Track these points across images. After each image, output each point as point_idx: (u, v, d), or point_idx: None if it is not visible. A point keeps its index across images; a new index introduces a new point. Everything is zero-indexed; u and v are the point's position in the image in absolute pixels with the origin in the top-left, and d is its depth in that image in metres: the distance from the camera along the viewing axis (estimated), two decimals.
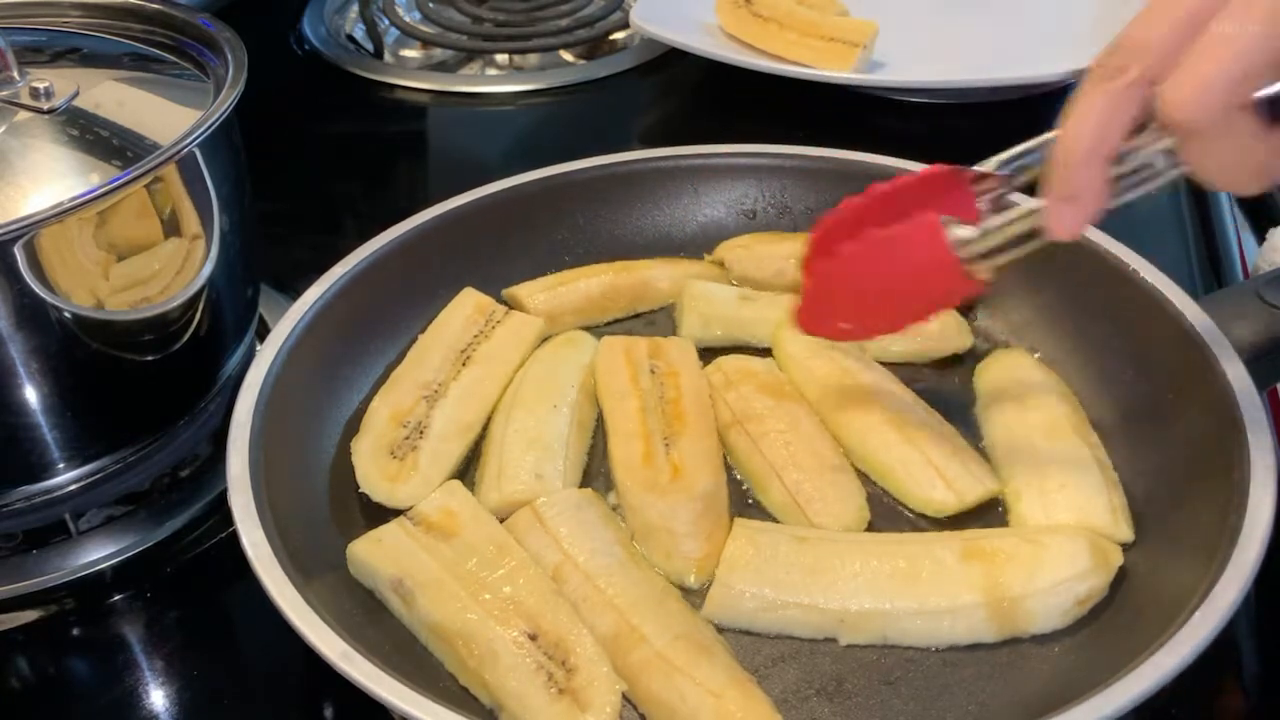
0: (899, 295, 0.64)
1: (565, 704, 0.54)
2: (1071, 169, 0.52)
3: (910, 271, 0.62)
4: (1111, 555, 0.61)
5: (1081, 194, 0.53)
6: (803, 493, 0.67)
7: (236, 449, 0.62)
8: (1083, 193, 0.52)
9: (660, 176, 0.87)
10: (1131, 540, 0.63)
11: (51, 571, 0.69)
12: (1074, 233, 0.54)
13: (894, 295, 0.64)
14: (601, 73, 1.23)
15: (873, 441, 0.69)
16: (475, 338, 0.77)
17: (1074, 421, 0.69)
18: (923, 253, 0.60)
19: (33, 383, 0.64)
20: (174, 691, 0.63)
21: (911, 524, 0.67)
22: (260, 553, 0.57)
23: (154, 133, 0.68)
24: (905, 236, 0.60)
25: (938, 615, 0.59)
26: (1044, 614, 0.59)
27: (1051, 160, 0.53)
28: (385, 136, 1.19)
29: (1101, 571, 0.60)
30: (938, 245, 0.59)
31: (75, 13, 0.81)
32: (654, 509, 0.65)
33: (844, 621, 0.60)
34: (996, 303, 0.80)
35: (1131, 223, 0.67)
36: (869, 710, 0.57)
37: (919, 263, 0.61)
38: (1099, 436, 0.70)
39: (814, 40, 1.10)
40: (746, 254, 0.84)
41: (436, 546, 0.62)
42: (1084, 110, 0.51)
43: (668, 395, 0.72)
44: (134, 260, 0.65)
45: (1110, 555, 0.61)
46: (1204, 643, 0.51)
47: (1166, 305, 0.69)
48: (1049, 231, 0.55)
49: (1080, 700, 0.49)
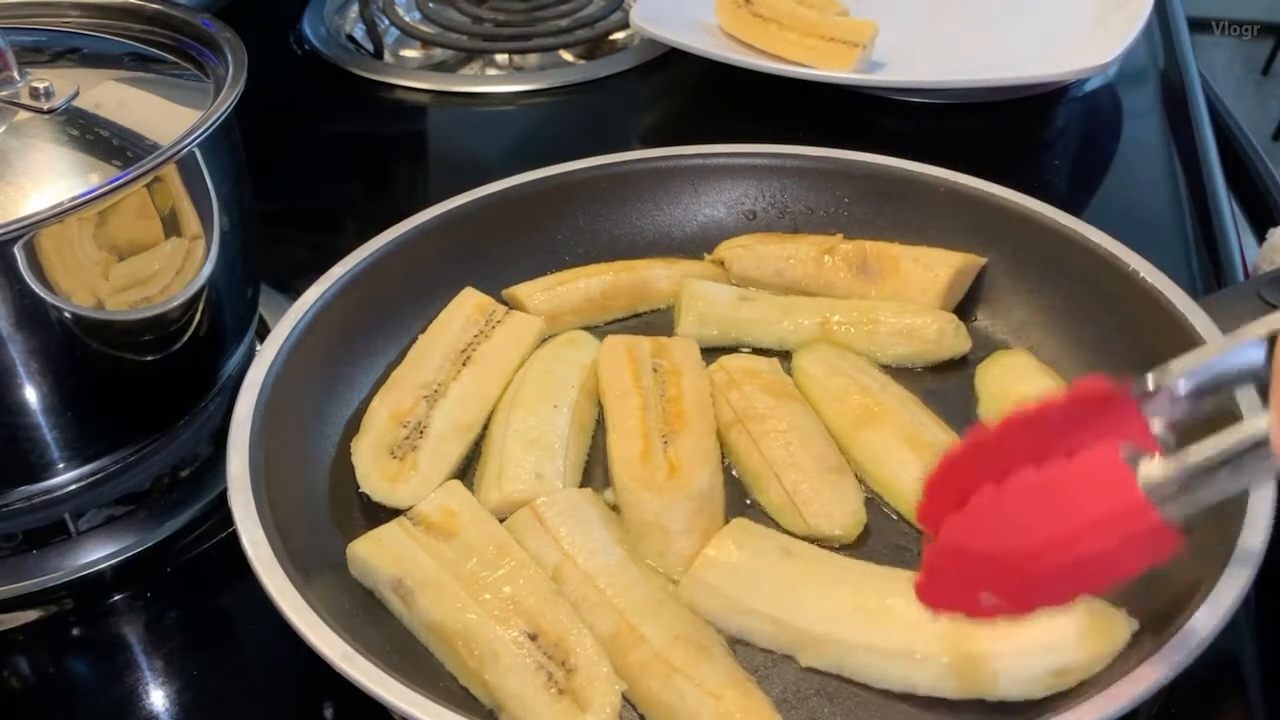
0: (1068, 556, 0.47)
1: (565, 704, 0.54)
2: None
3: (1084, 524, 0.46)
4: (1115, 628, 0.54)
5: None
6: (800, 493, 0.66)
7: (236, 449, 0.62)
8: None
9: (660, 176, 0.87)
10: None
11: (51, 571, 0.69)
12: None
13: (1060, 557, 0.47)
14: (601, 73, 1.23)
15: (888, 462, 0.68)
16: (475, 337, 0.77)
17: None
18: (1103, 497, 0.45)
19: (33, 383, 0.64)
20: (174, 691, 0.63)
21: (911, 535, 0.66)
22: (260, 553, 0.57)
23: (154, 133, 0.68)
24: (1075, 475, 0.46)
25: (892, 657, 0.56)
26: (1010, 678, 0.54)
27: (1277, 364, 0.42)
28: (385, 136, 1.19)
29: (1091, 644, 0.54)
30: (1124, 485, 0.45)
31: (75, 13, 0.81)
32: (649, 506, 0.65)
33: (801, 642, 0.59)
34: (996, 303, 0.80)
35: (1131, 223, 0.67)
36: (869, 710, 0.57)
37: (1097, 511, 0.45)
38: None
39: (814, 40, 1.10)
40: (746, 254, 0.84)
41: (436, 546, 0.62)
42: None
43: (669, 394, 0.72)
44: (134, 260, 0.65)
45: (1113, 629, 0.54)
46: (1204, 642, 0.51)
47: (1166, 305, 0.69)
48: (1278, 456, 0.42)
49: (1080, 700, 0.49)
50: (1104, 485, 0.45)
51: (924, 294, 0.79)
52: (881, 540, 0.66)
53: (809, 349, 0.77)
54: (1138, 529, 0.45)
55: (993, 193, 0.80)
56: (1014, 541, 0.48)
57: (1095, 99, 1.14)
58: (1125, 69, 1.16)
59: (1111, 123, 1.11)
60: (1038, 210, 0.78)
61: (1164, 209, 0.99)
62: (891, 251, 0.82)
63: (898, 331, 0.77)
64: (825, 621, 0.58)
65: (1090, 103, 1.13)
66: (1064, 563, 0.47)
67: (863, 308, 0.79)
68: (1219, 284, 0.90)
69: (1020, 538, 0.47)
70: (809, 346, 0.78)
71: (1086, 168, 1.05)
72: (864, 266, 0.82)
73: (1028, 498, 0.47)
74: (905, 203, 0.84)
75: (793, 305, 0.80)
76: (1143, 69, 1.19)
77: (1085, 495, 0.46)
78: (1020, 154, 1.07)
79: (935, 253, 0.80)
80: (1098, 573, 0.48)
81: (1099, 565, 0.47)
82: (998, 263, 0.80)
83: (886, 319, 0.78)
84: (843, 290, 0.82)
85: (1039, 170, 1.05)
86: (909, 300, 0.79)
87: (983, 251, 0.81)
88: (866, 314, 0.78)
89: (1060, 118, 1.12)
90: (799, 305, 0.80)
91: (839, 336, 0.78)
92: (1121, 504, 0.45)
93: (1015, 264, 0.80)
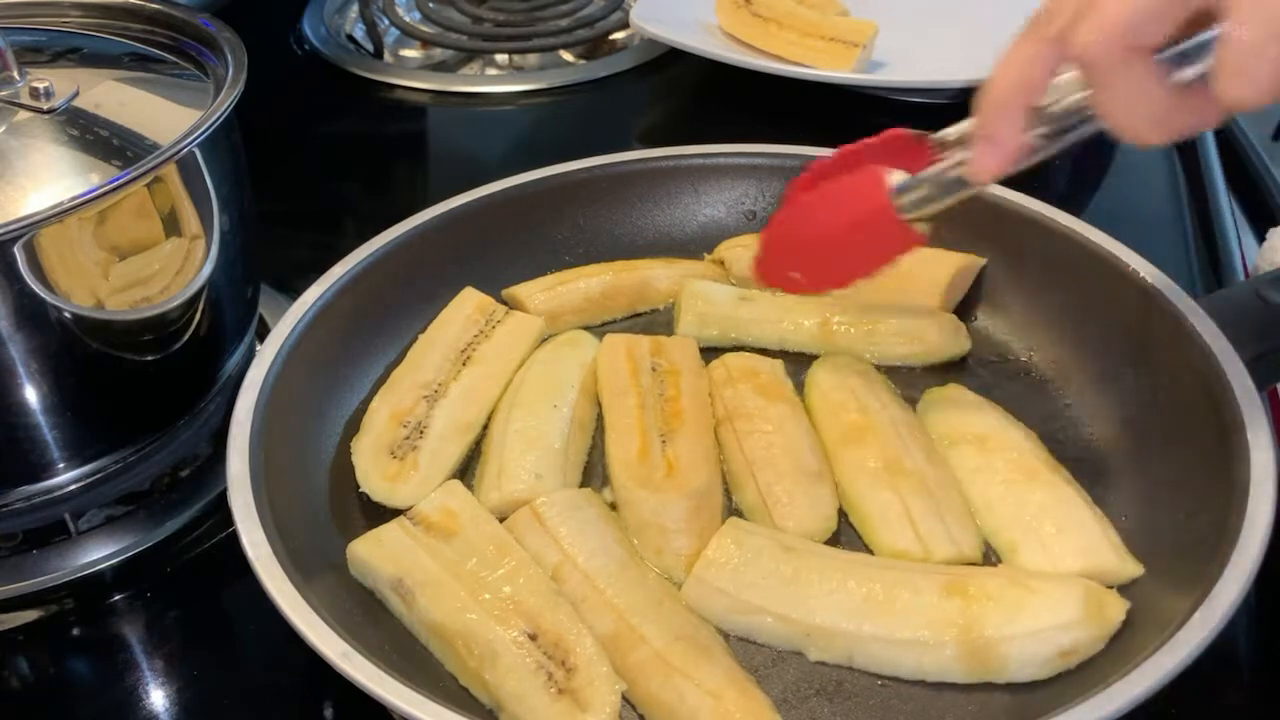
0: (842, 244, 0.67)
1: (565, 704, 0.54)
2: (993, 112, 0.56)
3: (852, 219, 0.65)
4: (1110, 609, 0.58)
5: (1001, 137, 0.56)
6: (772, 494, 0.66)
7: (236, 449, 0.62)
8: (1002, 136, 0.56)
9: (660, 176, 0.87)
10: (1141, 574, 0.61)
11: (51, 571, 0.69)
12: (993, 174, 0.57)
13: (838, 244, 0.67)
14: (601, 73, 1.23)
15: (860, 482, 0.67)
16: (475, 337, 0.77)
17: (1042, 456, 0.68)
18: (863, 201, 0.64)
19: (33, 383, 0.64)
20: (174, 691, 0.63)
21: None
22: (260, 553, 0.57)
23: (154, 133, 0.68)
24: (850, 185, 0.65)
25: (903, 645, 0.57)
26: (1019, 661, 0.56)
27: (977, 105, 0.56)
28: (385, 136, 1.19)
29: (1093, 624, 0.57)
30: (877, 193, 0.63)
31: (75, 13, 0.81)
32: (647, 505, 0.65)
33: (810, 636, 0.59)
34: (996, 303, 0.80)
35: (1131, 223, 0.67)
36: (869, 710, 0.57)
37: (859, 211, 0.65)
38: (1098, 438, 0.70)
39: (814, 40, 1.10)
40: (746, 253, 0.84)
41: (436, 546, 0.62)
42: (1010, 58, 0.55)
43: (667, 393, 0.72)
44: (134, 260, 0.65)
45: (1109, 609, 0.58)
46: (1204, 643, 0.51)
47: (1166, 305, 0.69)
48: (970, 174, 0.59)
49: (1080, 700, 0.49)
50: (864, 189, 0.64)
51: (924, 293, 0.79)
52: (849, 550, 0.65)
53: (830, 358, 0.77)
54: (883, 221, 0.63)
55: (993, 193, 0.80)
56: (806, 233, 0.68)
57: None
58: None
59: None
60: (1038, 210, 0.78)
61: (1164, 209, 0.99)
62: None
63: (898, 332, 0.77)
64: (835, 615, 0.59)
65: None
66: (838, 250, 0.67)
67: (863, 309, 0.79)
68: (1219, 284, 0.90)
69: (810, 230, 0.68)
70: (831, 356, 0.77)
71: (1086, 168, 1.05)
72: None
73: (819, 202, 0.67)
74: None
75: (793, 305, 0.80)
76: None
77: (853, 196, 0.65)
78: None
79: (935, 253, 0.80)
80: (863, 256, 0.67)
81: (862, 250, 0.67)
82: (998, 263, 0.80)
83: (887, 320, 0.78)
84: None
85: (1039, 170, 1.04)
86: (909, 300, 0.79)
87: (983, 251, 0.81)
88: (866, 315, 0.78)
89: None
90: (799, 305, 0.80)
91: (839, 337, 0.78)
92: (872, 202, 0.63)
93: (1015, 264, 0.80)
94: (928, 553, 0.62)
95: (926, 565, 0.62)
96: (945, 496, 0.66)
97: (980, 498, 0.66)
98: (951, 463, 0.69)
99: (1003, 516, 0.65)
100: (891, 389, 0.75)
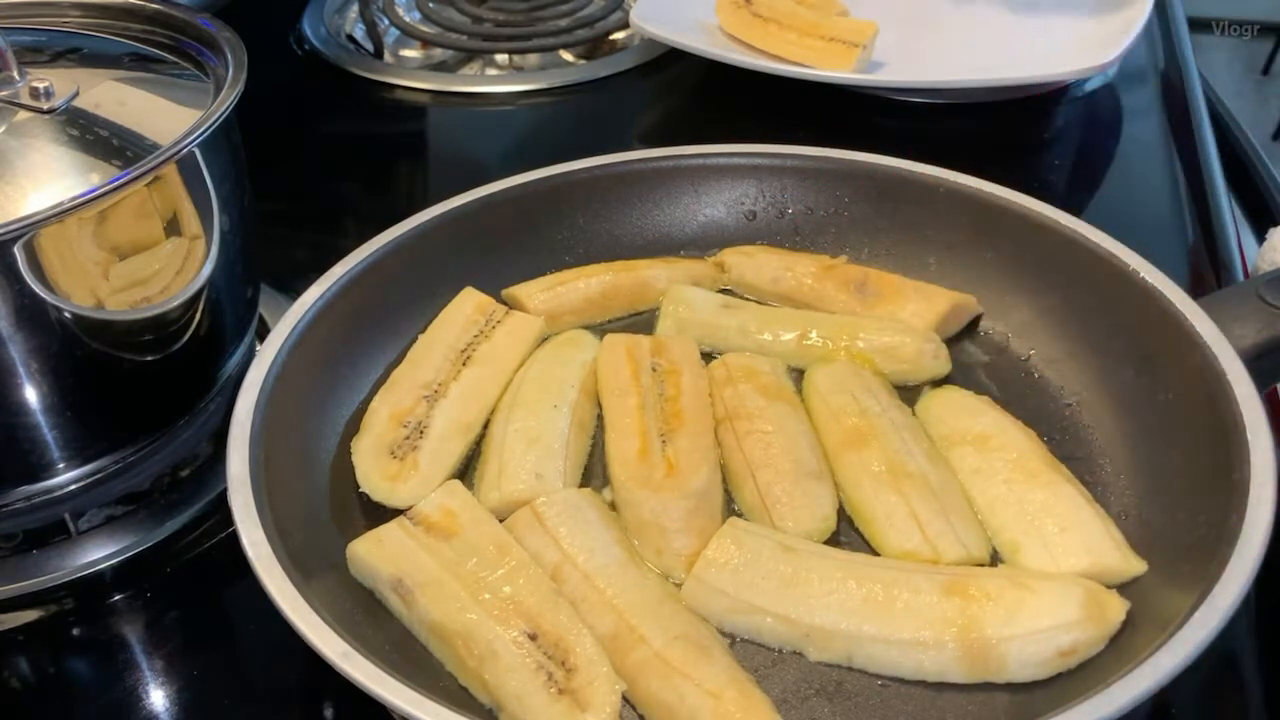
0: None
1: (565, 704, 0.54)
2: None
3: None
4: (1110, 610, 0.58)
5: None
6: (771, 494, 0.66)
7: (236, 449, 0.62)
8: None
9: (660, 176, 0.87)
10: (1145, 571, 0.61)
11: (51, 571, 0.69)
12: None
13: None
14: (601, 73, 1.23)
15: (864, 485, 0.66)
16: (475, 338, 0.77)
17: (1042, 455, 0.67)
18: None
19: (33, 383, 0.64)
20: (174, 691, 0.63)
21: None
22: (260, 553, 0.57)
23: (154, 133, 0.68)
24: None
25: (903, 645, 0.57)
26: (1019, 661, 0.56)
27: None
28: (385, 136, 1.19)
29: (1093, 624, 0.57)
30: None
31: (75, 13, 0.81)
32: (647, 505, 0.65)
33: (810, 636, 0.59)
34: (996, 303, 0.80)
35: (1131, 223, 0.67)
36: (869, 710, 0.57)
37: None
38: (1098, 438, 0.70)
39: (814, 40, 1.10)
40: (747, 260, 0.84)
41: (436, 546, 0.62)
42: None
43: (667, 393, 0.72)
44: (134, 260, 0.65)
45: (1109, 610, 0.57)
46: (1204, 643, 0.51)
47: (1166, 305, 0.69)
48: None
49: (1080, 700, 0.49)
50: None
51: (916, 318, 0.78)
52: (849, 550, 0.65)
53: (825, 363, 0.76)
54: None
55: (993, 193, 0.80)
56: None
57: (1095, 99, 1.14)
58: (1125, 69, 1.16)
59: (1111, 123, 1.11)
60: (1038, 210, 0.78)
61: (1164, 209, 0.99)
62: (893, 280, 0.81)
63: (875, 350, 0.76)
64: (835, 615, 0.59)
65: (1090, 103, 1.13)
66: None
67: (842, 323, 0.78)
68: (1219, 284, 0.90)
69: None
70: (826, 361, 0.76)
71: (1086, 168, 1.05)
72: (862, 286, 0.81)
73: None
74: (905, 203, 0.84)
75: (773, 317, 0.79)
76: (1143, 69, 1.19)
77: None
78: (1020, 154, 1.07)
79: (936, 288, 0.79)
80: None
81: None
82: (998, 263, 0.80)
83: (865, 336, 0.77)
84: (836, 307, 0.81)
85: (1039, 170, 1.05)
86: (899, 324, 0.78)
87: (983, 251, 0.81)
88: (844, 330, 0.77)
89: (1060, 118, 1.12)
90: (779, 318, 0.79)
91: (816, 352, 0.77)
92: None
93: (1015, 264, 0.80)
94: (936, 555, 0.62)
95: (926, 565, 0.62)
96: (949, 498, 0.66)
97: (981, 498, 0.66)
98: (952, 464, 0.69)
99: (1004, 517, 0.65)
100: (891, 390, 0.74)
